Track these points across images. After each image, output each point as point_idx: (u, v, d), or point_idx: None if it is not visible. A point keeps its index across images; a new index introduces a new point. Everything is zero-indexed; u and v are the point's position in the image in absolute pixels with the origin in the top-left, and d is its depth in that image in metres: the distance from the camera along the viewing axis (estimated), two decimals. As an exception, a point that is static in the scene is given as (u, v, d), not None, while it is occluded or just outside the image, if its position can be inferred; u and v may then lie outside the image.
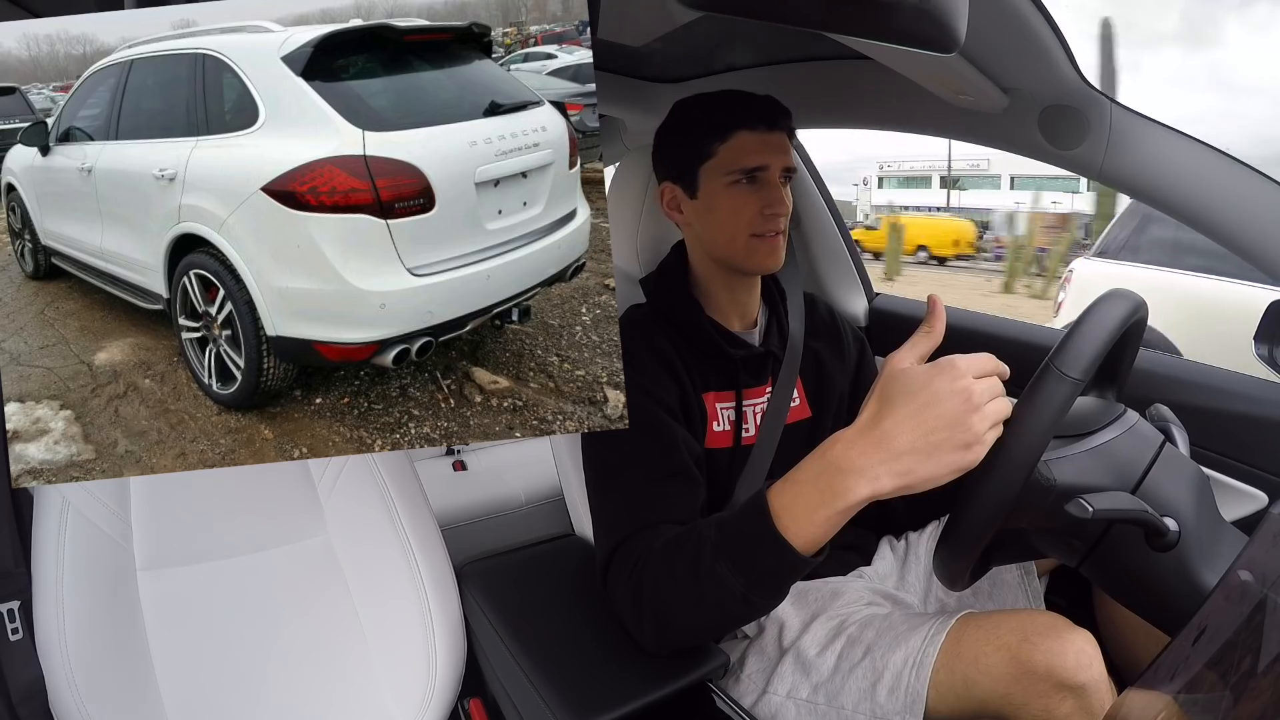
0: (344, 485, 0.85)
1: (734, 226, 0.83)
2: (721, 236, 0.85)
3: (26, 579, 0.76)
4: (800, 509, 0.57)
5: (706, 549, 0.62)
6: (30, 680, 0.74)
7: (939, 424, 0.51)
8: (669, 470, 0.75)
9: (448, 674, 0.84)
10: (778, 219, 0.83)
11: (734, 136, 0.82)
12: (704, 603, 0.63)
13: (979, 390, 0.52)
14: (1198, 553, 0.57)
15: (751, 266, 0.85)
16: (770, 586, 0.61)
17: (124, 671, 0.76)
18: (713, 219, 0.85)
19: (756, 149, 0.82)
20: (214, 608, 0.79)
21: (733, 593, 0.60)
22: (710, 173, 0.84)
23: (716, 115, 0.84)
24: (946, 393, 0.51)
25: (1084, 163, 0.85)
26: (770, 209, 0.82)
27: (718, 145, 0.83)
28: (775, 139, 0.83)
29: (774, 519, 0.57)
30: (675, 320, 0.87)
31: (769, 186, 0.83)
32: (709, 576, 0.61)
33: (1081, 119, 0.83)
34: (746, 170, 0.82)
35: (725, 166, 0.83)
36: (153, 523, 0.78)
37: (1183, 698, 0.41)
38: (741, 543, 0.60)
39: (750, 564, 0.60)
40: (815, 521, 0.56)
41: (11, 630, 0.74)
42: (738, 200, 0.83)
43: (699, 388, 0.85)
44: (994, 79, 0.82)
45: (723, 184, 0.83)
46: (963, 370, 0.52)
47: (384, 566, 0.85)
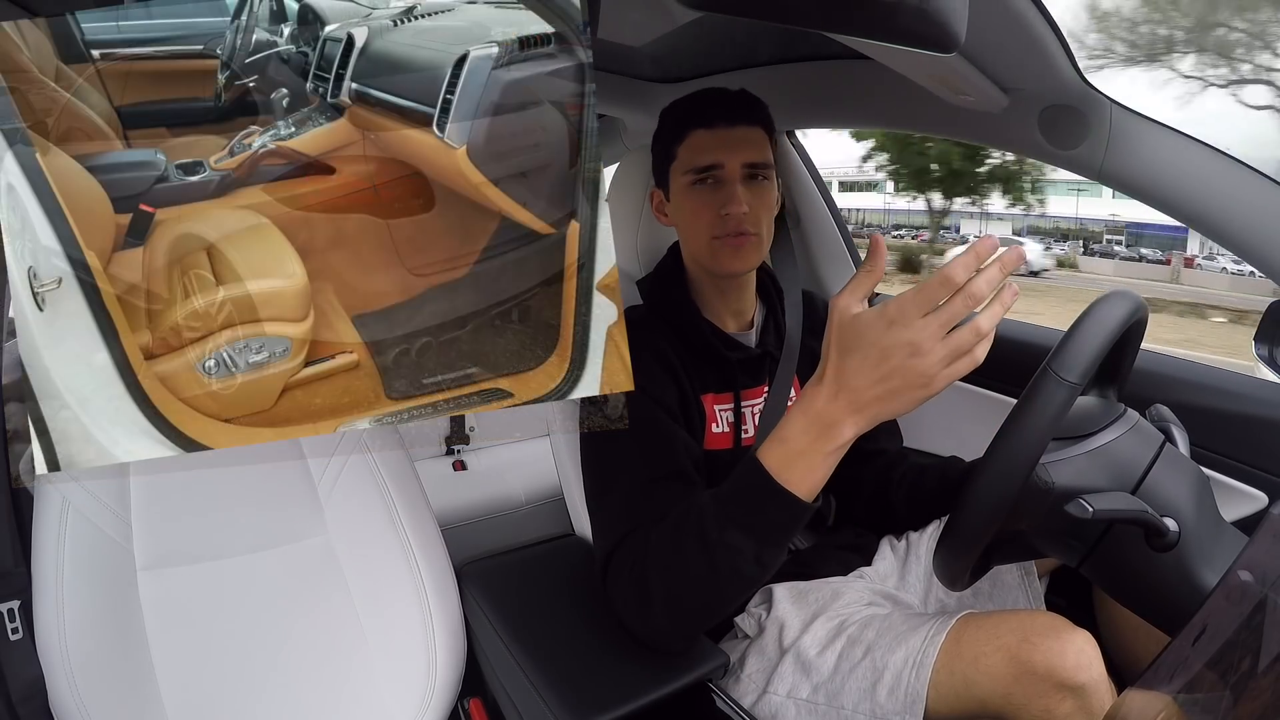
0: (344, 485, 0.85)
1: (695, 228, 0.83)
2: (689, 239, 0.85)
3: (26, 579, 0.76)
4: (790, 458, 0.59)
5: (710, 521, 0.63)
6: (30, 680, 0.74)
7: (893, 373, 0.53)
8: (667, 471, 0.75)
9: (448, 674, 0.84)
10: (735, 220, 0.80)
11: (689, 136, 0.82)
12: (717, 572, 0.63)
13: (926, 338, 0.51)
14: (1198, 553, 0.57)
15: (718, 269, 0.84)
16: (778, 540, 0.62)
17: (124, 671, 0.76)
18: (680, 222, 0.86)
19: (709, 146, 0.81)
20: (214, 608, 0.79)
21: (745, 554, 0.61)
22: (675, 174, 0.85)
23: (677, 115, 0.84)
24: (894, 346, 0.52)
25: (1084, 163, 0.85)
26: (725, 209, 0.80)
27: (677, 146, 0.84)
28: (736, 133, 0.82)
29: (772, 474, 0.59)
30: (672, 322, 0.87)
31: (725, 185, 0.81)
32: (719, 545, 0.62)
33: (1081, 119, 0.83)
34: (699, 170, 0.81)
35: (683, 167, 0.83)
36: (153, 523, 0.78)
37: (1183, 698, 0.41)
38: (746, 505, 0.61)
39: (760, 522, 0.61)
40: (813, 467, 0.58)
41: (11, 630, 0.74)
42: (696, 201, 0.82)
43: (697, 389, 0.85)
44: (994, 79, 0.82)
45: (683, 185, 0.83)
46: (908, 316, 0.52)
47: (384, 566, 0.85)
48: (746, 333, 0.92)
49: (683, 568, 0.65)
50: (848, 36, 0.60)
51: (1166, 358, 1.01)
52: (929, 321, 0.51)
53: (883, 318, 0.53)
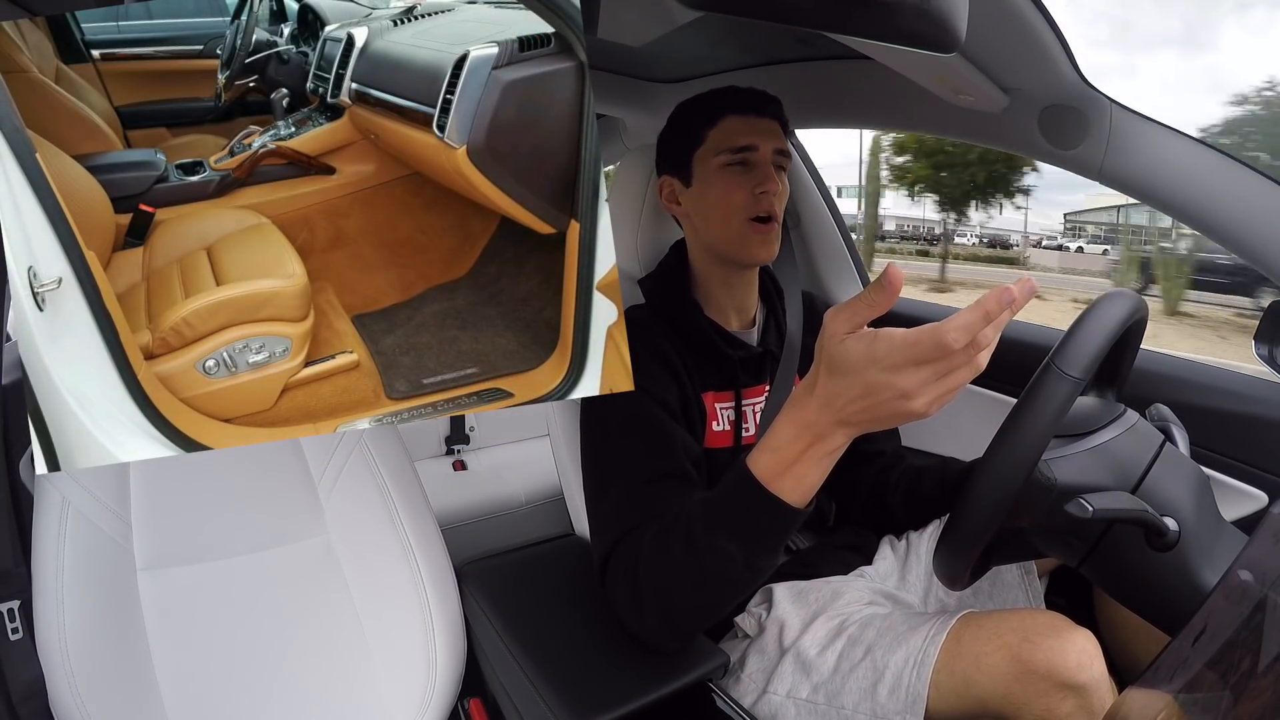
0: (344, 485, 0.85)
1: (727, 209, 0.84)
2: (715, 223, 0.85)
3: (26, 579, 0.76)
4: (781, 463, 0.57)
5: (698, 526, 0.63)
6: (30, 680, 0.74)
7: (879, 405, 0.50)
8: (665, 471, 0.75)
9: (448, 674, 0.84)
10: (770, 199, 0.83)
11: (722, 120, 0.84)
12: (706, 576, 0.63)
13: (915, 385, 0.48)
14: (1198, 552, 0.57)
15: (745, 256, 0.85)
16: (769, 546, 0.61)
17: (124, 671, 0.76)
18: (706, 205, 0.86)
19: (744, 130, 0.84)
20: (214, 608, 0.79)
21: (733, 559, 0.61)
22: (702, 158, 0.86)
23: (706, 103, 0.87)
24: (880, 385, 0.49)
25: (1084, 163, 0.85)
26: (761, 188, 0.82)
27: (707, 130, 0.85)
28: (764, 123, 0.85)
29: (761, 480, 0.58)
30: (674, 320, 0.87)
31: (760, 167, 0.83)
32: (707, 550, 0.62)
33: (1081, 119, 0.83)
34: (735, 149, 0.83)
35: (716, 148, 0.84)
36: (153, 523, 0.78)
37: (1183, 697, 0.41)
38: (735, 512, 0.60)
39: (747, 528, 0.60)
40: (803, 474, 0.56)
41: (11, 630, 0.74)
42: (729, 182, 0.83)
43: (698, 388, 0.85)
44: (994, 79, 0.82)
45: (714, 167, 0.84)
46: (897, 364, 0.48)
47: (384, 566, 0.85)
48: (748, 331, 0.92)
49: (672, 571, 0.65)
50: (848, 36, 0.60)
51: (1167, 358, 1.01)
52: (920, 370, 0.47)
53: (870, 355, 0.49)
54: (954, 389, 0.48)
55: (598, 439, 0.81)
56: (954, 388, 0.48)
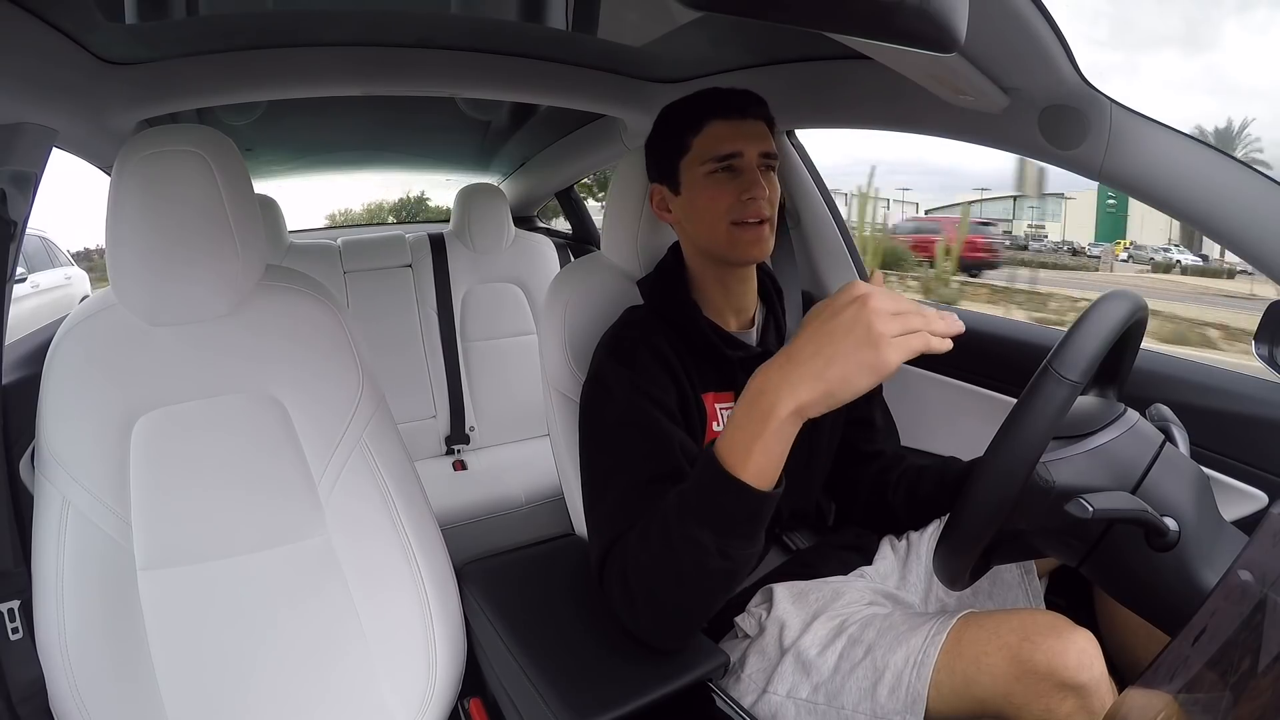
0: (344, 485, 0.85)
1: (713, 215, 0.84)
2: (704, 228, 0.85)
3: (26, 579, 0.76)
4: (738, 445, 0.59)
5: (672, 517, 0.64)
6: (30, 680, 0.74)
7: (837, 332, 0.55)
8: (663, 472, 0.75)
9: (448, 674, 0.84)
10: (756, 204, 0.82)
11: (706, 126, 0.84)
12: (684, 569, 0.63)
13: (881, 323, 0.54)
14: (1198, 553, 0.57)
15: (736, 256, 0.85)
16: (740, 533, 0.62)
17: (124, 671, 0.76)
18: (694, 211, 0.86)
19: (728, 136, 0.83)
20: (214, 608, 0.79)
21: (707, 548, 0.61)
22: (688, 165, 0.86)
23: (689, 109, 0.86)
24: (850, 318, 0.55)
25: (1084, 163, 0.85)
26: (747, 194, 0.82)
27: (691, 138, 0.85)
28: (749, 126, 0.84)
29: (722, 464, 0.60)
30: (674, 321, 0.87)
31: (745, 172, 0.83)
32: (681, 540, 0.62)
33: (1081, 119, 0.83)
34: (720, 157, 0.83)
35: (701, 156, 0.84)
36: (153, 523, 0.78)
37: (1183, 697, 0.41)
38: (701, 497, 0.62)
39: (714, 514, 0.61)
40: (755, 451, 0.59)
41: (11, 630, 0.74)
42: (715, 188, 0.83)
43: (698, 388, 0.85)
44: (994, 79, 0.82)
45: (700, 174, 0.84)
46: (872, 307, 0.54)
47: (384, 566, 0.84)
48: (748, 331, 0.92)
49: (654, 566, 0.65)
50: (847, 36, 0.60)
51: (1166, 358, 1.01)
52: (895, 320, 0.54)
53: (848, 295, 0.56)
54: (910, 331, 0.54)
55: (595, 440, 0.81)
56: (910, 329, 0.54)
